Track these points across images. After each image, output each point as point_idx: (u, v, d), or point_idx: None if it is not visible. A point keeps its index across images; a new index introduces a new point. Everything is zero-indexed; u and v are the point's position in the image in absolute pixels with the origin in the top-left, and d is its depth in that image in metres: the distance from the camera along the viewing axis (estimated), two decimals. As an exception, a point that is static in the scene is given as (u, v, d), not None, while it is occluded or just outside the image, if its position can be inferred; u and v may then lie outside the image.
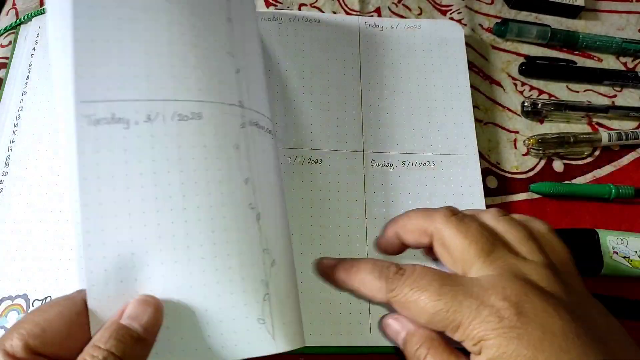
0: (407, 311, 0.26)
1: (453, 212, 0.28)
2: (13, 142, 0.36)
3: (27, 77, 0.38)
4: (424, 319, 0.25)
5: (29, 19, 0.41)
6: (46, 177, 0.35)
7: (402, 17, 0.45)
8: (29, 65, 0.39)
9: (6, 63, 0.40)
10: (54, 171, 0.35)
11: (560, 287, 0.24)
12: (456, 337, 0.24)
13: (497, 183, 0.39)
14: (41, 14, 0.41)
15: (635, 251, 0.36)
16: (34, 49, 0.39)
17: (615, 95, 0.44)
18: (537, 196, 0.39)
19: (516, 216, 0.29)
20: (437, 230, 0.27)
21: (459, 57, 0.41)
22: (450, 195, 0.36)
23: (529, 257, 0.26)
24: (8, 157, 0.35)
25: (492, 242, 0.26)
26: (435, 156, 0.38)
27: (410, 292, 0.25)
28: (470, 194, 0.36)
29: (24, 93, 0.38)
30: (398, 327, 0.28)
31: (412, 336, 0.27)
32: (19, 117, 0.37)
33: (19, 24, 0.41)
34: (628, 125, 0.43)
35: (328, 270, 0.31)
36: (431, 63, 0.41)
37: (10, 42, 0.41)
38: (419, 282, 0.25)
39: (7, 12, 0.42)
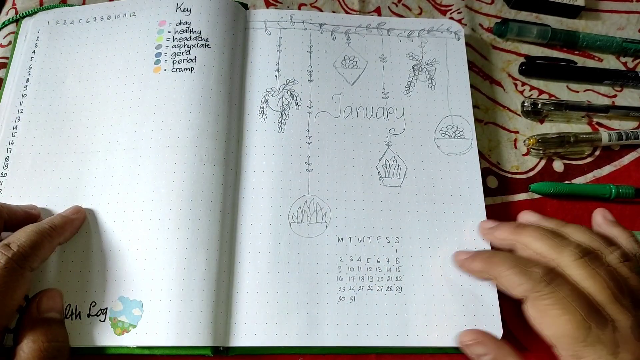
0: (539, 316, 0.27)
1: (586, 252, 0.28)
2: (12, 143, 0.36)
3: (27, 80, 0.38)
4: (552, 332, 0.27)
5: (35, 12, 0.41)
6: (44, 179, 0.35)
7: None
8: (29, 68, 0.39)
9: (6, 63, 0.40)
10: (51, 173, 0.35)
11: None
12: None
13: (498, 183, 0.39)
14: (45, 9, 0.41)
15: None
16: (33, 51, 0.39)
17: (615, 95, 0.44)
18: (537, 196, 0.39)
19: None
20: (565, 267, 0.28)
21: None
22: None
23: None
24: (7, 159, 0.35)
25: (621, 289, 0.27)
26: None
27: (552, 305, 0.26)
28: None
29: (23, 95, 0.38)
30: (483, 351, 0.29)
31: None
32: (19, 119, 0.37)
33: (21, 18, 0.41)
34: (628, 125, 0.43)
35: (464, 262, 0.33)
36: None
37: (10, 42, 0.41)
38: (568, 303, 0.26)
39: (7, 12, 0.42)
